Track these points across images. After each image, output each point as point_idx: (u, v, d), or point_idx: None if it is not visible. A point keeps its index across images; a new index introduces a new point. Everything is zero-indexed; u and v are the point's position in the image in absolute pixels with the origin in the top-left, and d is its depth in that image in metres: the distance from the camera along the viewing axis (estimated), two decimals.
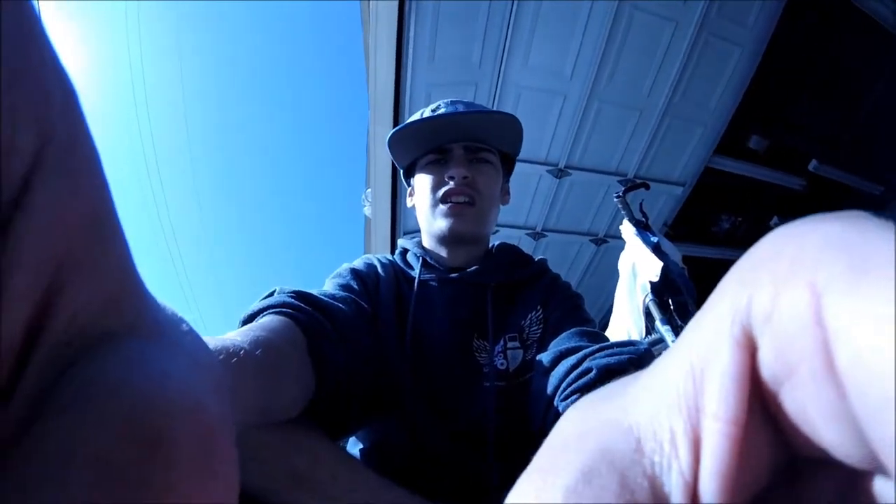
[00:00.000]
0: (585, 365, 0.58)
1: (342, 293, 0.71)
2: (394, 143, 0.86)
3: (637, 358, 0.58)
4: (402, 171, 0.95)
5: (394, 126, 3.08)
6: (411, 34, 2.83)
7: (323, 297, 0.61)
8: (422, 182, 0.85)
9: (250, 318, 0.54)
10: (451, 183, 0.82)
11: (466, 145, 0.84)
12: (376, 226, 3.76)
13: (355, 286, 0.77)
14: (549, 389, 0.61)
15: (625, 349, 0.60)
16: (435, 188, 0.83)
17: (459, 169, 0.81)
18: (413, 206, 0.91)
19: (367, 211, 3.86)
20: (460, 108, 0.85)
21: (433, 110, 0.86)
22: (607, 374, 0.56)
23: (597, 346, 0.61)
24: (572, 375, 0.59)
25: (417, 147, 0.86)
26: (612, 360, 0.57)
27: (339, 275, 0.80)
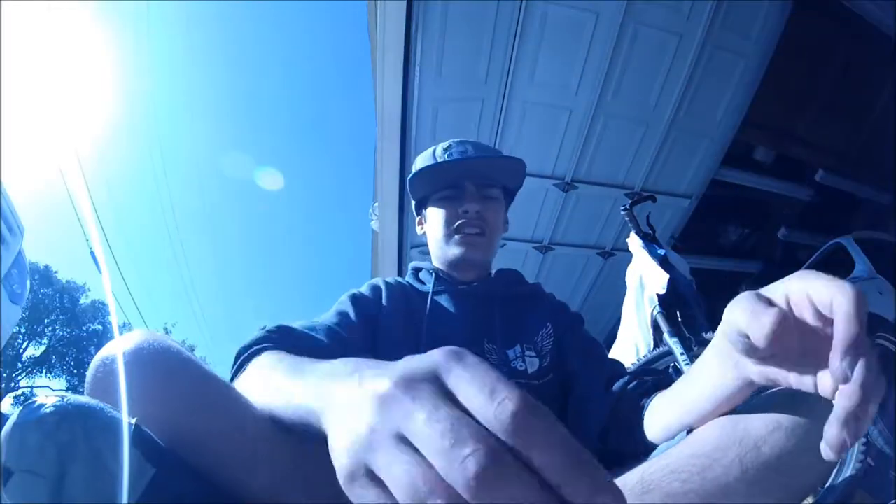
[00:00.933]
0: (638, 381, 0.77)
1: (327, 323, 0.80)
2: (412, 180, 0.97)
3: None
4: (413, 203, 1.04)
5: (401, 142, 3.11)
6: (418, 51, 2.87)
7: (302, 330, 0.75)
8: (436, 214, 0.96)
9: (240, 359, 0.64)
10: (465, 217, 0.93)
11: (477, 182, 0.95)
12: (384, 239, 3.78)
13: (351, 312, 0.85)
14: (613, 397, 0.77)
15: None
16: (450, 220, 0.94)
17: (473, 204, 0.92)
18: (423, 234, 1.03)
19: (375, 224, 3.88)
20: (469, 149, 0.96)
21: (445, 149, 0.97)
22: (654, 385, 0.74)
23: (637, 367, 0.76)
24: (631, 386, 0.76)
25: (433, 183, 0.97)
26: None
27: (340, 302, 0.89)
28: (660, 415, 0.64)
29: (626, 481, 0.48)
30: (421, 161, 1.00)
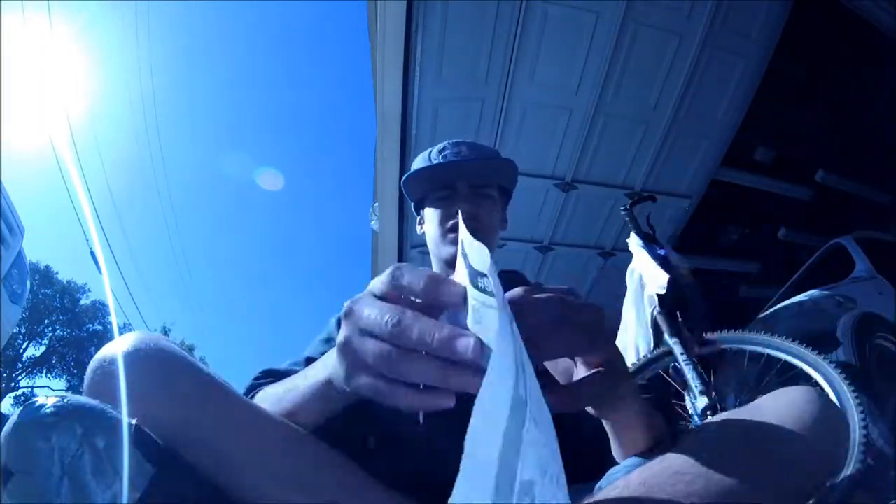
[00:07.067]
0: None
1: (314, 355, 0.81)
2: (406, 182, 1.00)
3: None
4: (412, 203, 1.07)
5: (402, 142, 3.12)
6: (418, 51, 2.87)
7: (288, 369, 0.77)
8: (432, 214, 0.98)
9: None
10: (457, 216, 0.93)
11: (471, 182, 0.97)
12: (384, 239, 3.78)
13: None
14: None
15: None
16: (443, 220, 0.96)
17: (465, 205, 0.93)
18: (423, 234, 1.05)
19: (375, 224, 3.88)
20: (464, 150, 0.99)
21: (440, 151, 0.99)
22: None
23: None
24: None
25: (428, 185, 0.99)
26: None
27: (327, 325, 0.92)
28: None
29: (629, 482, 0.48)
30: (418, 162, 1.02)
